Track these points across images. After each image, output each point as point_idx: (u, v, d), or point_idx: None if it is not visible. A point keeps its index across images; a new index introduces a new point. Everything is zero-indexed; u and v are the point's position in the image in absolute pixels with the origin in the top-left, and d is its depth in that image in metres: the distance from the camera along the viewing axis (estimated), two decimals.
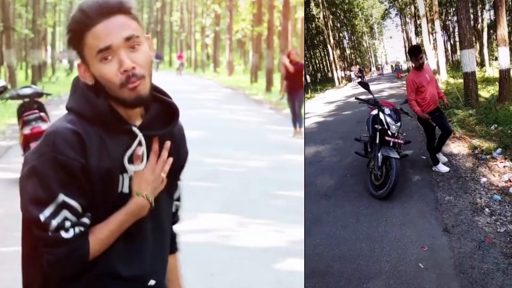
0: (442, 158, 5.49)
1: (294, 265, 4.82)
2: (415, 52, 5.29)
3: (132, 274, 1.71)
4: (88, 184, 1.65)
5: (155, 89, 1.79)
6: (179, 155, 1.86)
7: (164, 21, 64.20)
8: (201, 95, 23.78)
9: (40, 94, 9.42)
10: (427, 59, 7.43)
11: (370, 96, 5.05)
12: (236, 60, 50.57)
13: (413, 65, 5.37)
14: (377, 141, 4.80)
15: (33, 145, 8.51)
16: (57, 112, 17.33)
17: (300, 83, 12.06)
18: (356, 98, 5.18)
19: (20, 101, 9.58)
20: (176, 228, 1.96)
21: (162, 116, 1.80)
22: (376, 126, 4.85)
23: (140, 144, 1.72)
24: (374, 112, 5.00)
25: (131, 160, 1.71)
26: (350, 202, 4.76)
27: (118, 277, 1.69)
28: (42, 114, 9.23)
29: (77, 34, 1.65)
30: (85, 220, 1.63)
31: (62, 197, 1.59)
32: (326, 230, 4.25)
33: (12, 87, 17.06)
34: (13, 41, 20.61)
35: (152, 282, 1.76)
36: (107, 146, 1.69)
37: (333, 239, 4.11)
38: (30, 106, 9.27)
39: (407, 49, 9.25)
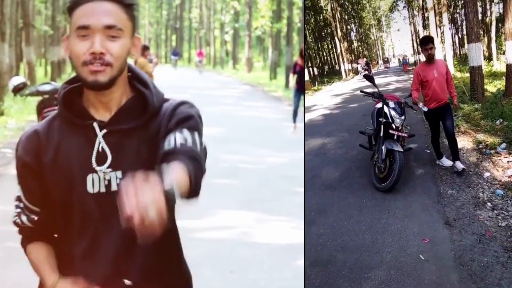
0: (458, 165, 5.21)
1: None
2: (424, 41, 5.21)
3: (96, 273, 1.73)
4: (38, 181, 1.75)
5: (137, 79, 1.79)
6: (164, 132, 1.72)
7: (183, 18, 64.41)
8: (220, 92, 23.86)
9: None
10: None
11: (375, 89, 5.12)
12: (255, 57, 50.69)
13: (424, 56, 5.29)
14: (381, 134, 4.88)
15: None
16: None
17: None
18: (361, 91, 5.25)
19: (39, 98, 9.70)
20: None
21: (138, 109, 1.75)
22: (381, 119, 4.92)
23: (105, 143, 1.71)
24: (379, 105, 5.08)
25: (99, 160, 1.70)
26: (354, 194, 4.85)
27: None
28: None
29: (71, 8, 1.70)
30: (24, 217, 1.82)
31: (19, 190, 1.81)
32: (330, 221, 4.36)
33: (32, 83, 17.23)
34: (32, 38, 20.80)
35: (127, 282, 1.74)
36: (69, 143, 1.72)
37: (336, 230, 4.21)
38: (50, 103, 9.39)
39: (414, 42, 9.28)
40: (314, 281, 3.55)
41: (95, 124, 1.70)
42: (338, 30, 9.30)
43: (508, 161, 5.45)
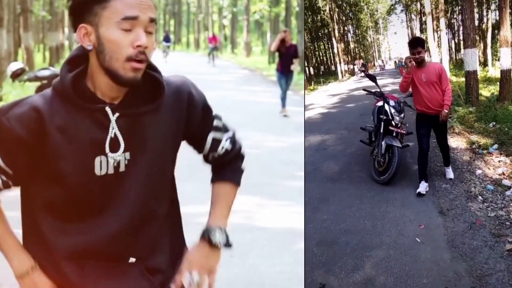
0: (449, 173, 5.48)
1: None
2: (412, 44, 5.19)
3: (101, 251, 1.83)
4: (30, 157, 1.75)
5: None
6: (180, 125, 1.92)
7: (182, 2, 65.30)
8: (218, 77, 24.55)
9: (58, 76, 10.07)
10: (430, 56, 8.12)
11: (377, 89, 5.79)
12: (254, 41, 51.90)
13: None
14: (381, 130, 5.55)
15: None
16: None
17: (291, 63, 13.76)
18: (363, 90, 5.92)
19: (38, 83, 10.20)
20: (243, 156, 2.19)
21: (147, 91, 1.82)
22: (381, 116, 5.59)
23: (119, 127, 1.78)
24: (380, 103, 5.74)
25: (112, 144, 1.77)
26: (354, 186, 5.50)
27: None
28: None
29: None
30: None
31: None
32: (333, 209, 5.01)
33: (30, 69, 17.71)
34: (30, 23, 21.39)
35: (132, 260, 1.86)
36: (78, 126, 1.74)
37: (339, 216, 4.87)
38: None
39: None
40: (320, 258, 4.22)
41: (108, 109, 1.76)
42: (336, 31, 9.96)
43: (499, 161, 6.12)
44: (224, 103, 15.54)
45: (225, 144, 2.09)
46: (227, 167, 2.14)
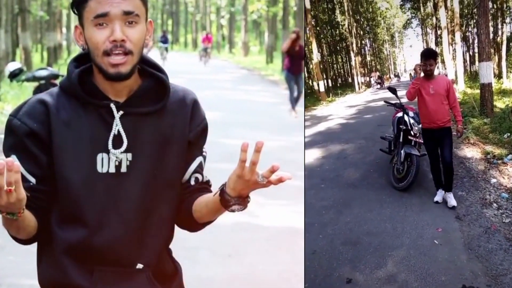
0: (450, 200, 5.32)
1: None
2: (427, 56, 5.20)
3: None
4: (43, 152, 1.79)
5: (149, 63, 1.90)
6: (184, 130, 1.93)
7: (179, 2, 66.30)
8: (216, 76, 25.23)
9: (56, 76, 10.51)
10: (445, 69, 8.45)
11: (397, 100, 6.15)
12: (252, 41, 52.68)
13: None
14: (401, 139, 5.91)
15: None
16: None
17: (302, 64, 14.08)
18: (384, 101, 6.28)
19: (36, 83, 10.64)
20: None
21: (153, 93, 1.87)
22: (401, 126, 5.95)
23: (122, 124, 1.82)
24: (399, 114, 6.10)
25: (115, 141, 1.81)
26: (374, 192, 5.84)
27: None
28: None
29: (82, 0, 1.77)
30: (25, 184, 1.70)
31: (14, 158, 1.76)
32: (355, 212, 5.37)
33: (28, 69, 18.16)
34: (28, 23, 21.96)
35: (139, 266, 1.88)
36: (82, 121, 1.80)
37: (361, 219, 5.22)
38: (46, 88, 10.20)
39: None
40: (346, 256, 4.58)
41: (113, 106, 1.81)
42: (354, 45, 10.33)
43: None
44: (222, 103, 15.96)
45: (206, 176, 2.10)
46: (208, 192, 2.07)
